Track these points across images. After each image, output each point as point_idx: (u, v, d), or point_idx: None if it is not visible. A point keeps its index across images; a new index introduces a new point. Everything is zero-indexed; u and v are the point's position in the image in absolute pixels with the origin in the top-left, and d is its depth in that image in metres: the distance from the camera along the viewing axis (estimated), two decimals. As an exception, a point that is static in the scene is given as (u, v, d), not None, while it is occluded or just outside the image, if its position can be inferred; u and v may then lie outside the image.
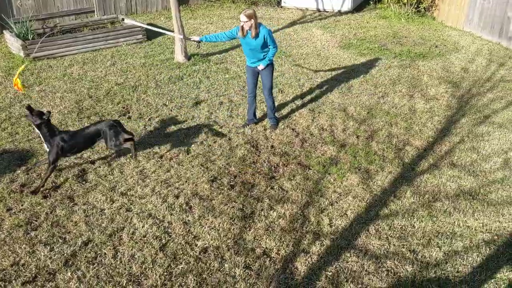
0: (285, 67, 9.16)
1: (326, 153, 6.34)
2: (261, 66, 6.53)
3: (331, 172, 5.93)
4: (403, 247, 4.77)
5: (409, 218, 5.16)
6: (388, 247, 4.76)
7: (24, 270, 4.32)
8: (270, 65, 6.59)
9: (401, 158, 6.26)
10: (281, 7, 13.59)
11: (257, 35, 6.27)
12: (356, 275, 4.40)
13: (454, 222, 5.13)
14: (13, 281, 4.19)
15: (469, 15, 11.36)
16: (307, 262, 4.52)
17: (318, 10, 13.22)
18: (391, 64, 9.41)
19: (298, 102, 7.73)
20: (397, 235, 4.92)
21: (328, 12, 13.11)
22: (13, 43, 9.50)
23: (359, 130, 6.92)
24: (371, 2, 13.72)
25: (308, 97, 7.91)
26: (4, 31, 9.96)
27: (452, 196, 5.54)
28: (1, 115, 7.07)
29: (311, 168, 6.01)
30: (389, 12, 12.77)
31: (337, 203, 5.37)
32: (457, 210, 5.32)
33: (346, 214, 5.19)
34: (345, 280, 4.34)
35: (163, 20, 12.08)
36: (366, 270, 4.46)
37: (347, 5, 12.88)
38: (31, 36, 9.65)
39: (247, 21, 6.19)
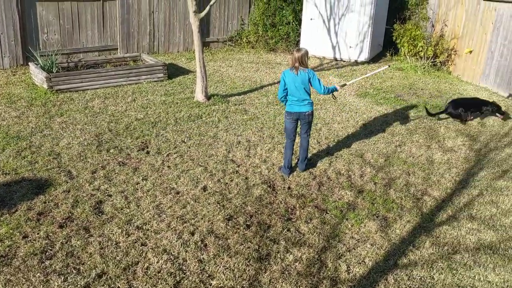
0: (302, 112, 9.24)
1: (344, 198, 6.29)
2: None
3: (348, 218, 5.86)
4: (423, 299, 4.63)
5: (429, 270, 5.04)
6: (407, 298, 4.63)
7: (36, 300, 4.24)
8: None
9: (420, 208, 6.19)
10: (299, 54, 13.88)
11: None
12: (374, 325, 4.26)
13: (475, 276, 5.00)
14: (24, 310, 4.11)
15: (486, 71, 11.52)
16: (324, 308, 4.40)
17: (335, 59, 13.49)
18: (408, 114, 9.47)
19: (315, 146, 7.75)
20: (416, 286, 4.79)
21: (344, 61, 13.37)
22: (37, 75, 9.74)
23: (376, 177, 6.89)
24: (388, 54, 13.98)
25: (325, 141, 7.94)
26: (29, 63, 10.24)
27: (472, 249, 5.43)
28: (22, 144, 7.15)
29: (328, 212, 5.96)
30: (406, 64, 12.99)
31: (354, 249, 5.27)
32: (477, 264, 5.19)
33: (364, 262, 5.08)
34: (363, 329, 4.20)
35: (183, 60, 12.37)
36: (385, 321, 4.32)
37: (364, 56, 13.13)
38: (55, 69, 9.91)
39: None
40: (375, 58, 13.73)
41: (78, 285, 4.43)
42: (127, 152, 7.14)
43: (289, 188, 6.48)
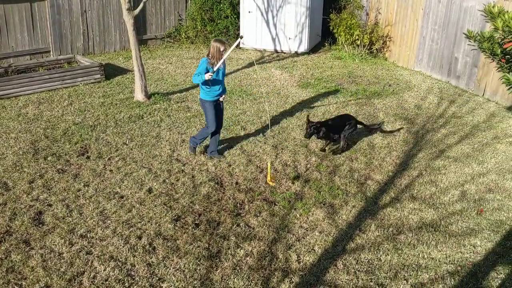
0: (246, 105, 9.25)
1: (291, 189, 6.35)
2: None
3: (296, 207, 5.92)
4: (371, 281, 4.76)
5: (375, 252, 5.19)
6: (357, 281, 4.75)
7: (-26, 322, 4.00)
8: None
9: (364, 192, 6.35)
10: (240, 48, 13.86)
11: None
12: (327, 311, 4.34)
13: (419, 254, 5.20)
14: (-38, 335, 3.87)
15: (419, 55, 11.97)
16: (277, 300, 4.42)
17: (276, 51, 13.56)
18: (348, 102, 9.69)
19: (261, 139, 7.77)
20: (365, 269, 4.92)
21: (285, 53, 13.47)
22: (-36, 83, 9.15)
23: (321, 165, 7.01)
24: (326, 44, 14.23)
25: (271, 134, 7.98)
26: (-46, 71, 9.61)
27: (415, 229, 5.64)
28: (-50, 157, 6.70)
29: (276, 203, 5.99)
30: (344, 53, 13.26)
31: (304, 238, 5.34)
32: (420, 242, 5.40)
33: (314, 250, 5.16)
34: (316, 317, 4.27)
35: (121, 60, 12.03)
36: (336, 306, 4.41)
37: (304, 47, 13.29)
38: (-17, 75, 9.35)
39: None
40: (314, 49, 13.93)
41: (20, 302, 4.22)
42: (66, 159, 6.86)
43: (236, 183, 6.46)
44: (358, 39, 12.94)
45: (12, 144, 7.20)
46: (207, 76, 6.42)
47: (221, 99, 6.87)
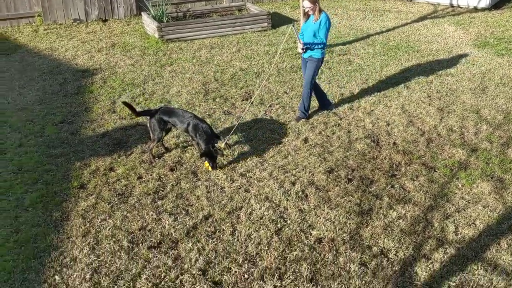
0: (412, 63, 8.71)
1: (455, 156, 5.91)
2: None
3: (459, 177, 5.52)
4: (540, 268, 4.29)
5: (548, 237, 4.63)
6: (522, 265, 4.32)
7: (150, 236, 4.61)
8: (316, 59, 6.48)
9: (542, 171, 5.64)
10: (411, 1, 12.96)
11: (317, 20, 6.31)
12: (483, 290, 4.05)
13: None
14: (140, 244, 4.50)
15: None
16: (428, 268, 4.25)
17: (451, 6, 12.39)
18: (534, 67, 8.51)
19: (425, 100, 7.31)
20: (533, 254, 4.44)
21: (462, 8, 12.23)
22: (149, 25, 10.18)
23: (493, 135, 6.36)
24: (514, -1, 12.53)
25: (437, 95, 7.45)
26: (142, 13, 10.72)
27: None
28: (136, 91, 7.61)
29: (436, 170, 5.65)
30: (534, 10, 11.56)
31: (464, 210, 4.98)
32: None
33: (475, 224, 4.79)
34: (469, 293, 4.02)
35: (287, 9, 12.15)
36: (494, 286, 4.08)
37: (485, 2, 11.90)
38: (166, 19, 10.26)
39: (311, 7, 6.27)
40: (498, 4, 12.38)
41: (187, 225, 4.73)
42: (232, 102, 7.30)
43: (394, 143, 6.22)
44: (555, -5, 11.12)
45: (186, 84, 7.88)
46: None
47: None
